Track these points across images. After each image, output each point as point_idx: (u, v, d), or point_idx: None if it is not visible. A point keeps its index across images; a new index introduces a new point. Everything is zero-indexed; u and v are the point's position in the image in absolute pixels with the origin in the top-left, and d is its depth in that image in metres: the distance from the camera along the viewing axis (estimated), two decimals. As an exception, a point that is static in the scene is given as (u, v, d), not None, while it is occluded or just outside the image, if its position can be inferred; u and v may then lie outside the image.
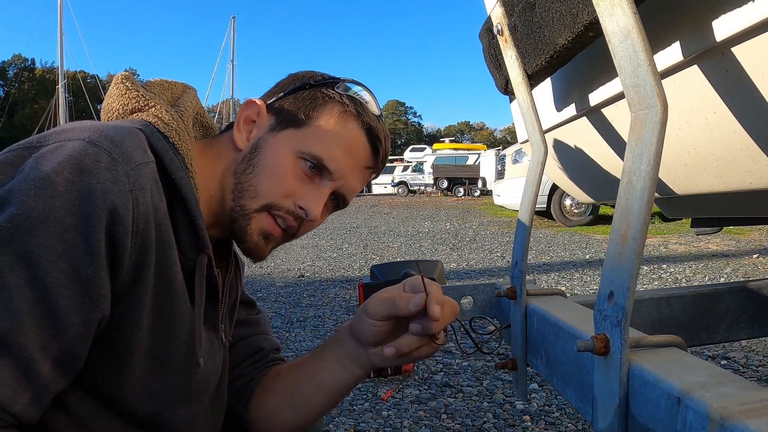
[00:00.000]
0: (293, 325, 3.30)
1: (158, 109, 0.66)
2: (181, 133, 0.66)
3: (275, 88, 0.78)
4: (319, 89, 0.74)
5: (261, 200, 0.70)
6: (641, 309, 1.09)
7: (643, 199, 0.52)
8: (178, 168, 0.62)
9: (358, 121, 0.73)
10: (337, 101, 0.73)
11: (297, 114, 0.72)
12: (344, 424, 1.93)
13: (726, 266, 4.62)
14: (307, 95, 0.74)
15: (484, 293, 1.05)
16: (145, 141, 0.61)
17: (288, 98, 0.74)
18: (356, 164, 0.74)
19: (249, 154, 0.71)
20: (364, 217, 12.46)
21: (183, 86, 0.78)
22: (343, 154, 0.72)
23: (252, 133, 0.73)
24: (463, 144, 40.09)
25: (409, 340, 0.69)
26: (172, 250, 0.61)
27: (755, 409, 0.39)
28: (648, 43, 0.53)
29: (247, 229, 0.71)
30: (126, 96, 0.67)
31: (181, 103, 0.73)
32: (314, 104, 0.73)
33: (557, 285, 4.13)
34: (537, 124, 0.92)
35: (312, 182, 0.72)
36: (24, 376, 0.50)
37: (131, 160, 0.57)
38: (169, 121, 0.65)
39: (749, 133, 0.68)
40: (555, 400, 2.04)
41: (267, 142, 0.72)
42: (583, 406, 0.65)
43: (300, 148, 0.70)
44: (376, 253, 6.35)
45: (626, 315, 0.52)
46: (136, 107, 0.67)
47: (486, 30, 1.04)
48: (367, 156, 0.75)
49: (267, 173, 0.70)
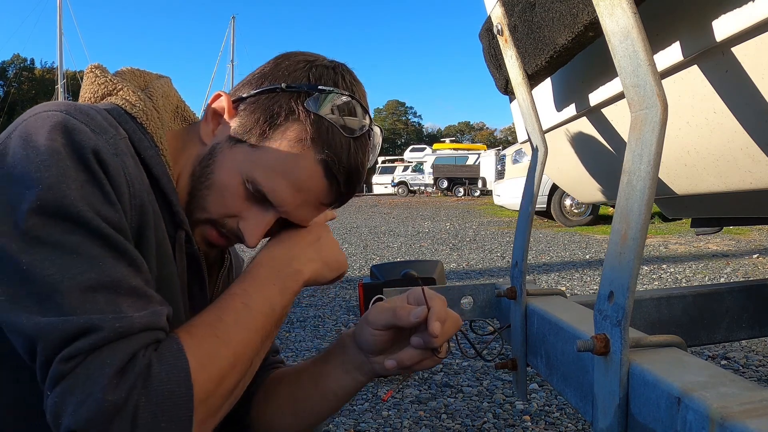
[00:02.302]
0: (293, 325, 3.30)
1: (126, 92, 0.67)
2: (149, 113, 0.66)
3: (258, 74, 0.71)
4: (286, 99, 0.66)
5: (206, 215, 0.69)
6: (641, 309, 1.09)
7: (643, 199, 0.52)
8: (147, 147, 0.63)
9: (314, 154, 0.65)
10: (298, 123, 0.65)
11: (252, 129, 0.66)
12: (344, 424, 1.93)
13: (726, 266, 4.62)
14: (270, 105, 0.66)
15: (484, 293, 1.05)
16: (113, 121, 0.62)
17: (251, 101, 0.68)
18: (307, 198, 0.68)
19: (206, 159, 0.69)
20: (364, 217, 12.45)
21: (156, 75, 0.78)
22: (290, 188, 0.66)
23: (217, 128, 0.70)
24: (463, 144, 40.12)
25: (410, 354, 0.69)
26: (161, 222, 0.62)
27: (755, 409, 0.39)
28: (648, 43, 0.53)
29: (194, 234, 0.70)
30: (95, 83, 0.68)
31: (150, 87, 0.73)
32: (272, 123, 0.65)
33: (557, 285, 4.13)
34: (537, 124, 0.92)
35: (258, 205, 0.68)
36: (145, 299, 0.54)
37: (107, 131, 0.58)
38: (135, 101, 0.66)
39: (749, 133, 0.68)
40: (555, 400, 2.04)
41: (222, 154, 0.68)
42: (583, 406, 0.65)
43: (247, 172, 0.66)
44: (376, 253, 6.35)
45: (626, 315, 0.52)
46: (105, 92, 0.68)
47: (486, 30, 1.04)
48: (322, 191, 0.67)
49: (216, 192, 0.68)
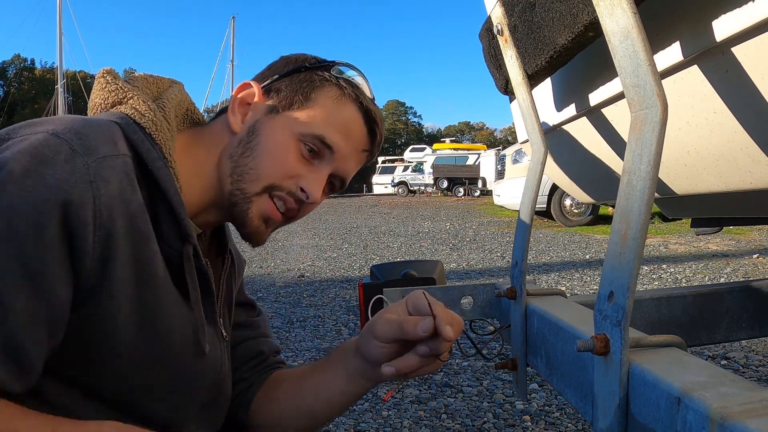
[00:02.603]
0: (293, 325, 3.30)
1: (136, 101, 0.66)
2: (159, 123, 0.65)
3: (268, 71, 0.77)
4: (314, 72, 0.74)
5: (263, 182, 0.70)
6: (641, 309, 1.09)
7: (643, 199, 0.52)
8: (155, 159, 0.62)
9: (356, 104, 0.74)
10: (333, 84, 0.73)
11: (294, 96, 0.72)
12: (344, 424, 1.93)
13: (726, 266, 4.62)
14: (303, 78, 0.73)
15: (484, 293, 1.04)
16: (119, 133, 0.61)
17: (283, 81, 0.74)
18: (354, 146, 0.75)
19: (246, 138, 0.71)
20: (364, 217, 12.45)
21: (170, 81, 0.78)
22: (342, 136, 0.73)
23: (247, 116, 0.73)
24: (463, 144, 40.10)
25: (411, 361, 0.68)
26: (151, 242, 0.60)
27: (755, 409, 0.39)
28: (648, 43, 0.53)
29: (248, 213, 0.71)
30: (106, 90, 0.68)
31: (164, 96, 0.72)
32: (311, 86, 0.73)
33: (557, 285, 4.13)
34: (537, 124, 0.92)
35: (311, 164, 0.72)
36: None
37: (94, 152, 0.56)
38: (145, 111, 0.65)
39: (749, 133, 0.68)
40: (555, 400, 2.04)
41: (265, 124, 0.71)
42: (583, 406, 0.65)
43: (300, 130, 0.71)
44: (376, 253, 6.35)
45: (626, 315, 0.52)
46: (116, 100, 0.67)
47: (486, 30, 1.04)
48: (364, 138, 0.76)
49: (268, 155, 0.70)
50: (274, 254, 6.53)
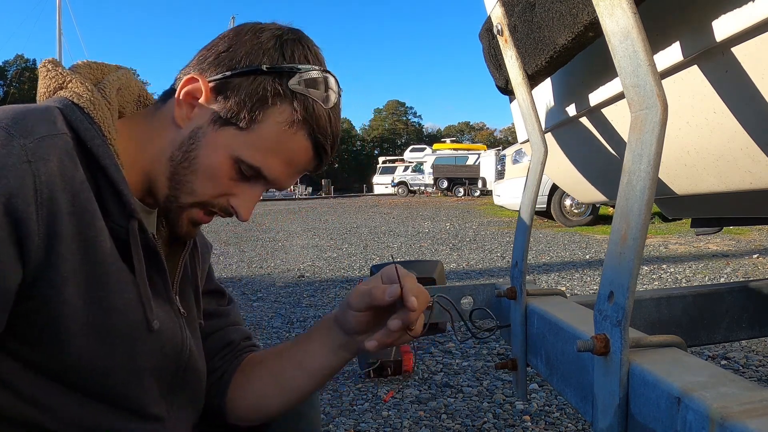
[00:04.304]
0: (293, 325, 3.30)
1: (74, 84, 0.67)
2: (96, 103, 0.66)
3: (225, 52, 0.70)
4: (271, 80, 0.68)
5: (196, 198, 0.71)
6: (641, 309, 1.09)
7: (643, 199, 0.52)
8: (93, 137, 0.63)
9: (306, 132, 0.69)
10: (287, 103, 0.68)
11: (241, 112, 0.68)
12: (344, 424, 1.93)
13: (726, 266, 4.62)
14: (256, 88, 0.67)
15: (484, 293, 1.04)
16: (58, 115, 0.61)
17: (234, 81, 0.68)
18: (296, 170, 0.73)
19: (187, 143, 0.69)
20: (364, 217, 12.46)
21: (116, 67, 0.77)
22: (283, 165, 0.71)
23: (193, 111, 0.70)
24: (463, 144, 40.12)
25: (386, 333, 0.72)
26: (96, 219, 0.61)
27: (755, 409, 0.39)
28: (648, 43, 0.53)
29: (179, 220, 0.73)
30: (47, 77, 0.68)
31: (104, 80, 0.72)
32: (261, 105, 0.68)
33: (557, 285, 4.13)
34: (537, 124, 0.92)
35: (247, 182, 0.72)
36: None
37: (32, 133, 0.57)
38: (83, 93, 0.66)
39: (749, 133, 0.68)
40: (555, 400, 2.04)
41: (206, 136, 0.69)
42: (583, 406, 0.65)
43: (238, 154, 0.68)
44: (376, 253, 6.35)
45: (626, 315, 0.52)
46: (57, 86, 0.68)
47: (486, 30, 1.04)
48: (309, 163, 0.73)
49: (204, 174, 0.69)
50: (274, 254, 6.53)
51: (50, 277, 0.58)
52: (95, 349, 0.62)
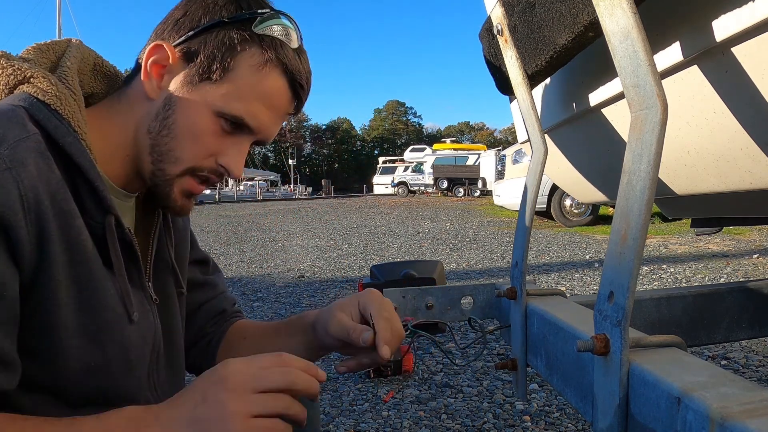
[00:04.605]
0: (293, 325, 3.29)
1: (36, 78, 0.65)
2: (63, 98, 0.64)
3: (182, 17, 0.69)
4: (235, 29, 0.67)
5: (183, 165, 0.69)
6: (641, 309, 1.09)
7: (643, 199, 0.52)
8: (64, 134, 0.61)
9: (279, 70, 0.69)
10: (256, 46, 0.67)
11: (212, 65, 0.67)
12: (344, 424, 1.93)
13: (726, 266, 4.62)
14: (222, 40, 0.67)
15: (484, 293, 1.05)
16: (24, 115, 0.60)
17: (199, 39, 0.68)
18: (277, 114, 0.71)
19: (162, 111, 0.68)
20: (364, 217, 12.46)
21: (66, 41, 0.75)
22: (264, 109, 0.69)
23: (163, 80, 0.68)
24: (463, 144, 40.12)
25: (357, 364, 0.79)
26: (76, 219, 0.60)
27: (755, 409, 0.39)
28: (648, 43, 0.53)
29: (171, 194, 0.71)
30: (4, 74, 0.66)
31: (62, 63, 0.69)
32: (231, 53, 0.67)
33: (557, 285, 4.13)
34: (537, 124, 0.92)
35: (232, 137, 0.70)
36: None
37: (4, 140, 0.56)
38: (47, 88, 0.63)
39: (749, 133, 0.68)
40: (555, 400, 2.04)
41: (182, 99, 0.68)
42: (583, 406, 0.65)
43: (218, 107, 0.67)
44: (376, 253, 6.35)
45: (626, 315, 0.52)
46: (16, 82, 0.65)
47: (486, 30, 1.04)
48: (288, 104, 0.72)
49: (186, 137, 0.68)
50: (274, 254, 6.53)
51: (43, 282, 0.58)
52: (89, 349, 0.62)
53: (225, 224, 10.39)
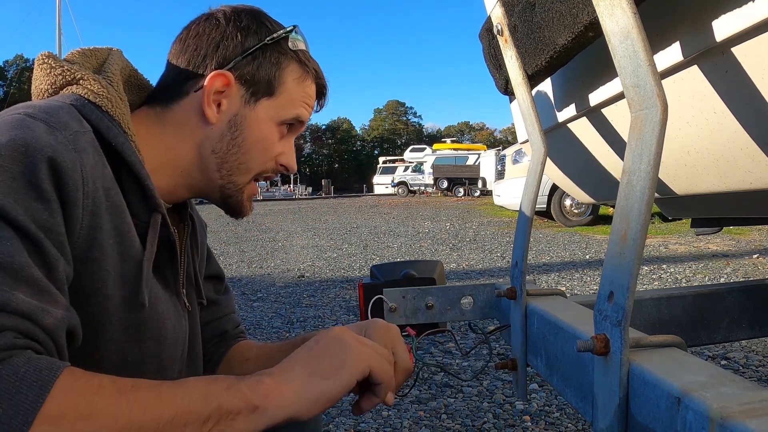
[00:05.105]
0: (293, 325, 3.30)
1: (87, 80, 0.66)
2: (113, 100, 0.66)
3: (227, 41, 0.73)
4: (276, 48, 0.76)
5: (252, 173, 0.77)
6: (641, 309, 1.09)
7: (643, 199, 0.52)
8: (116, 135, 0.64)
9: (311, 78, 0.79)
10: (293, 60, 0.77)
11: (270, 84, 0.75)
12: (344, 424, 1.93)
13: (726, 266, 4.62)
14: (271, 60, 0.75)
15: (484, 293, 1.05)
16: (78, 114, 0.61)
17: (249, 62, 0.74)
18: (310, 112, 0.81)
19: (229, 132, 0.73)
20: (364, 217, 12.46)
21: (107, 50, 0.77)
22: (308, 108, 0.80)
23: (222, 105, 0.73)
24: (463, 144, 40.11)
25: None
26: (126, 215, 0.62)
27: (755, 409, 0.39)
28: (648, 43, 0.53)
29: (242, 201, 0.78)
30: (52, 74, 0.67)
31: (107, 68, 0.71)
32: (278, 69, 0.75)
33: (557, 285, 4.13)
34: (537, 124, 0.92)
35: (285, 137, 0.79)
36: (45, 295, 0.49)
37: (68, 127, 0.58)
38: (99, 90, 0.66)
39: (749, 133, 0.68)
40: (555, 400, 2.04)
41: (247, 118, 0.74)
42: (583, 406, 0.65)
43: (282, 117, 0.76)
44: (376, 253, 6.35)
45: (626, 315, 0.52)
46: (64, 83, 0.67)
47: (486, 30, 1.04)
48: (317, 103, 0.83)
49: (255, 149, 0.75)
50: (274, 254, 6.53)
51: (93, 270, 0.58)
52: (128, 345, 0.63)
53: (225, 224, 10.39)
